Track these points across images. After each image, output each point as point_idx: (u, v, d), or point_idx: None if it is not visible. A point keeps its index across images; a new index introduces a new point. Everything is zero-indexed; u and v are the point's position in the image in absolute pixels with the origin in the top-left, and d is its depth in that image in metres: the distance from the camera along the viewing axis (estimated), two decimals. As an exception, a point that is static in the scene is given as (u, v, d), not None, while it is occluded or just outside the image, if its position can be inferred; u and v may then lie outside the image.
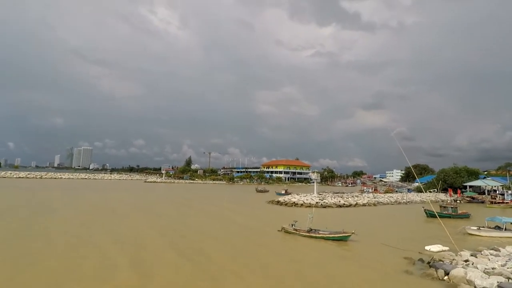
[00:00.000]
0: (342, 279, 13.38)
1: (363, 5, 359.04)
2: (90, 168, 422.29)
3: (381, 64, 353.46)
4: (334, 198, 47.33)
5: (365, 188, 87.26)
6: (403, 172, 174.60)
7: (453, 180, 73.77)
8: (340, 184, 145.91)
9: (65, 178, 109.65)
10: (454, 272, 13.22)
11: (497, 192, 61.82)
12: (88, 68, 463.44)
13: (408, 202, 54.53)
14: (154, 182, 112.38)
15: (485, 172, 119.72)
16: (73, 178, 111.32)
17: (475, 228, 25.12)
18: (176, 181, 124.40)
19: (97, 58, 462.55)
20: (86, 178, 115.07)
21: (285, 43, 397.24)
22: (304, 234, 21.59)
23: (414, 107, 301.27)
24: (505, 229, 24.97)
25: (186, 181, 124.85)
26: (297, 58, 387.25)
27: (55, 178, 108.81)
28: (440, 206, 37.05)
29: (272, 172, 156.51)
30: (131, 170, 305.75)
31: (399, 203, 53.21)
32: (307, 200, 43.84)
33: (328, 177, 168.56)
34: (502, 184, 67.20)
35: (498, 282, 11.56)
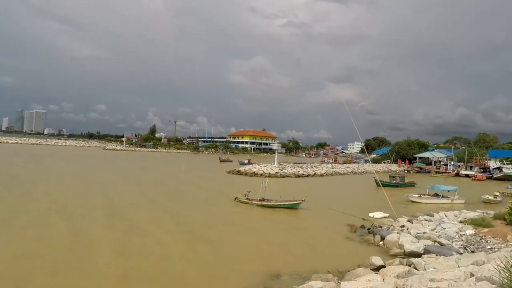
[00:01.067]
0: (286, 245, 13.65)
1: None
2: (45, 133, 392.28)
3: (352, 38, 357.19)
4: (294, 168, 48.45)
5: (325, 159, 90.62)
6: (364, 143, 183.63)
7: (405, 152, 78.89)
8: (304, 155, 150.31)
9: (12, 143, 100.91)
10: (388, 238, 13.99)
11: (441, 163, 67.35)
12: (46, 24, 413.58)
13: (363, 172, 57.55)
14: (114, 149, 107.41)
15: (435, 145, 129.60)
16: (21, 143, 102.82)
17: (417, 195, 27.03)
18: (138, 149, 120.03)
19: (57, 14, 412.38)
20: (37, 144, 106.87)
21: (258, 10, 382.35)
22: (256, 203, 21.74)
23: (380, 82, 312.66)
24: (442, 196, 27.15)
25: (149, 149, 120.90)
26: (269, 27, 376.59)
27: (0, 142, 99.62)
28: (389, 176, 39.40)
29: (238, 142, 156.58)
30: (90, 136, 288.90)
31: (355, 173, 56.03)
32: (267, 170, 44.39)
33: (292, 148, 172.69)
34: (446, 156, 73.23)
35: (425, 245, 12.38)
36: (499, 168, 55.07)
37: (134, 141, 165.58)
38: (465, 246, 12.26)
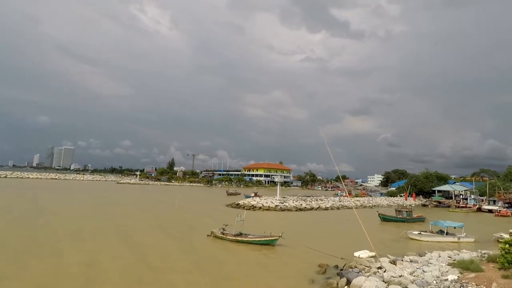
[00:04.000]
0: (241, 285, 12.19)
1: (352, 13, 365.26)
2: (71, 168, 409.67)
3: (369, 71, 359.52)
4: (296, 201, 46.29)
5: (339, 192, 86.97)
6: (383, 176, 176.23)
7: (422, 185, 74.15)
8: (320, 188, 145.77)
9: (31, 178, 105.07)
10: (354, 282, 12.09)
11: (461, 196, 62.28)
12: (75, 65, 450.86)
13: (374, 206, 54.09)
14: (127, 183, 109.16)
15: (461, 178, 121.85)
16: (40, 178, 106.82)
17: (416, 232, 24.38)
18: (151, 182, 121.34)
19: (85, 56, 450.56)
20: (55, 179, 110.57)
21: (276, 48, 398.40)
22: (231, 238, 20.25)
23: (400, 114, 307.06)
24: (447, 234, 24.32)
25: (162, 183, 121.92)
26: (286, 63, 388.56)
27: (21, 177, 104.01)
28: (396, 210, 36.46)
29: (252, 175, 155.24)
30: (112, 171, 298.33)
31: (365, 207, 52.70)
32: (266, 203, 42.64)
33: (309, 181, 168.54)
34: (467, 189, 67.90)
35: (386, 293, 10.47)
36: (526, 203, 49.94)
37: (153, 174, 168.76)
38: (437, 295, 10.23)
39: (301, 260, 16.83)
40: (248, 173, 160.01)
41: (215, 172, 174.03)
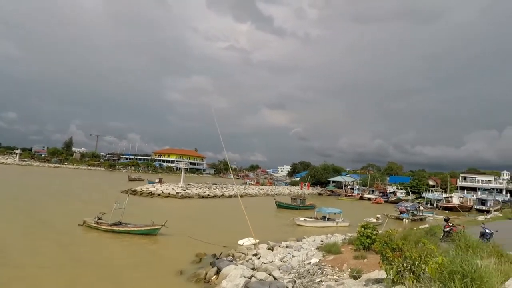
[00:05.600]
0: (112, 277, 10.43)
1: (276, 10, 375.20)
2: None
3: (288, 68, 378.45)
4: (200, 188, 45.21)
5: (248, 180, 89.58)
6: (290, 167, 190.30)
7: (321, 176, 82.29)
8: (232, 177, 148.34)
9: None
10: (224, 270, 11.60)
11: (349, 186, 71.55)
12: None
13: (277, 194, 57.12)
14: (2, 163, 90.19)
15: (354, 171, 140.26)
16: None
17: (303, 219, 26.07)
18: (36, 164, 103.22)
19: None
20: None
21: (201, 32, 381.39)
22: (106, 228, 17.82)
23: (311, 110, 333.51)
24: (328, 219, 26.71)
25: (52, 165, 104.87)
26: (210, 49, 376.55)
27: None
28: (291, 198, 38.89)
29: (163, 160, 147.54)
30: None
31: (267, 195, 55.14)
32: (166, 190, 40.31)
33: (222, 169, 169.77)
34: (354, 180, 78.48)
35: (247, 281, 10.20)
36: (394, 193, 60.18)
37: (43, 155, 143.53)
38: (295, 280, 10.42)
39: (180, 250, 15.78)
40: (159, 158, 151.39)
41: (121, 156, 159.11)
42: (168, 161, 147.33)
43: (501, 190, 63.33)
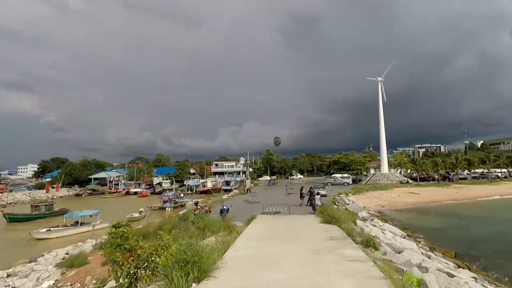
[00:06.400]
0: None
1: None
2: None
3: (37, 41, 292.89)
4: None
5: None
6: (39, 166, 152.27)
7: (79, 173, 71.37)
8: None
9: None
10: None
11: (113, 182, 67.01)
12: None
13: (11, 203, 43.32)
14: None
15: (122, 165, 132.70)
16: None
17: (44, 230, 20.90)
18: None
19: None
20: None
21: None
22: None
23: (70, 97, 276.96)
24: (81, 224, 23.01)
25: None
26: None
27: None
28: (31, 206, 30.58)
29: None
30: None
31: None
32: None
33: None
34: (120, 175, 74.47)
35: None
36: (160, 183, 62.58)
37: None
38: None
39: None
40: None
41: None
42: None
43: (239, 172, 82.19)
